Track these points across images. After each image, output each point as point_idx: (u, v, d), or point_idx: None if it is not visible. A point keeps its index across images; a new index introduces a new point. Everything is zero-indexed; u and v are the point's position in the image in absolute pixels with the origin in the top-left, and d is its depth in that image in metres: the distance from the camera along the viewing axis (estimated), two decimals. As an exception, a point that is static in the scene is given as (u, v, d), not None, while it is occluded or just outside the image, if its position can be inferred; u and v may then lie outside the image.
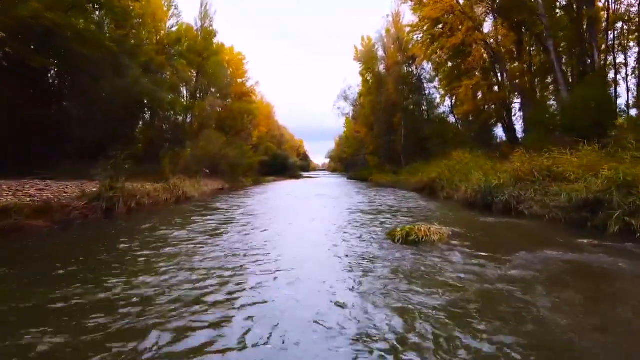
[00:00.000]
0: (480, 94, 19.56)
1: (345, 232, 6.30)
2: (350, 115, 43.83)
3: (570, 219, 6.63)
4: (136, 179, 12.19)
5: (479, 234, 5.96)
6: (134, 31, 20.84)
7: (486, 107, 20.03)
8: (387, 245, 5.27)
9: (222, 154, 19.53)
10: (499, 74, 18.71)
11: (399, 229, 5.78)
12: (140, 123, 23.59)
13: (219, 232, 6.51)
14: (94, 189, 8.70)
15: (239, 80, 39.25)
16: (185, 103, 27.94)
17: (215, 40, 31.73)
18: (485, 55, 18.21)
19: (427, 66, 30.46)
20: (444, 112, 29.06)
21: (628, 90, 17.09)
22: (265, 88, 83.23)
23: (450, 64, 21.78)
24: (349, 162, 57.84)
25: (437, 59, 19.77)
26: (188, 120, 28.01)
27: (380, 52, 34.57)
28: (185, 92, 29.03)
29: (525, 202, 8.30)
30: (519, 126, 20.06)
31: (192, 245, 5.35)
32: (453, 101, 22.23)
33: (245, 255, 4.78)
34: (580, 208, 6.46)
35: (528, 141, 14.99)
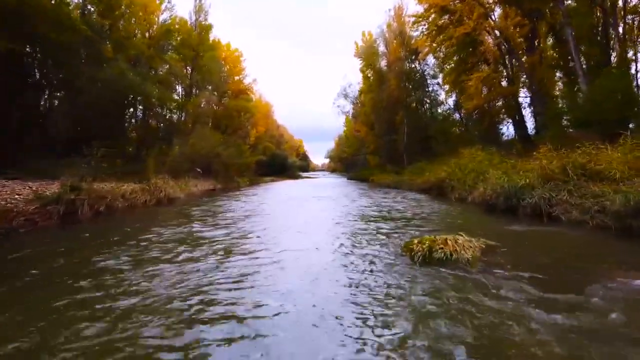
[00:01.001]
0: (486, 89, 18.31)
1: (349, 249, 4.95)
2: (351, 113, 42.60)
3: (624, 226, 5.41)
4: (121, 178, 10.98)
5: (521, 249, 4.72)
6: (122, 23, 19.65)
7: (494, 102, 18.81)
8: (403, 266, 4.02)
9: (215, 152, 18.28)
10: (509, 67, 17.49)
11: (416, 241, 4.55)
12: (134, 121, 22.45)
13: (176, 255, 4.63)
14: (57, 190, 7.46)
15: (236, 78, 38.10)
16: (180, 100, 26.81)
17: (211, 37, 30.72)
18: (494, 47, 16.99)
19: (431, 62, 29.43)
20: (448, 110, 27.90)
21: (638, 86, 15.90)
22: (265, 88, 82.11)
23: (456, 57, 20.64)
24: (349, 162, 56.66)
25: (445, 49, 18.53)
26: (183, 117, 26.85)
27: (382, 48, 33.39)
28: (180, 89, 27.94)
29: (558, 205, 7.07)
30: (529, 123, 18.93)
31: (114, 287, 3.38)
32: (459, 97, 20.94)
33: (195, 318, 2.74)
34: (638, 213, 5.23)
35: (546, 137, 13.81)
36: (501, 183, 8.41)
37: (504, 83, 18.11)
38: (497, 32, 14.33)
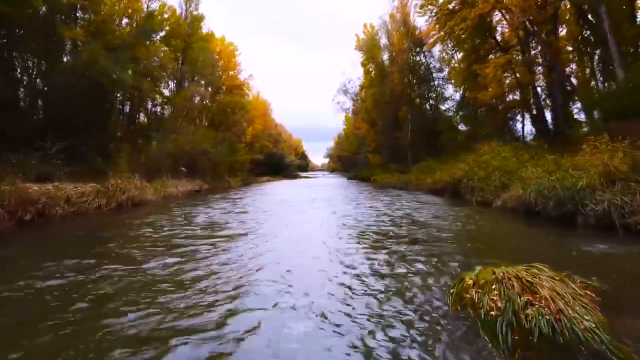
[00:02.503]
0: (503, 77, 16.45)
1: (363, 302, 2.89)
2: (351, 110, 40.65)
3: None
4: (80, 179, 9.12)
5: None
6: (103, 6, 17.76)
7: (510, 94, 17.00)
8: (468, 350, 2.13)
9: (202, 149, 16.39)
10: (527, 53, 15.62)
11: (470, 280, 2.71)
12: (123, 117, 20.56)
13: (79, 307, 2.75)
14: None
15: (231, 73, 36.28)
16: (171, 94, 24.99)
17: (205, 30, 29.06)
18: (512, 31, 15.12)
19: (437, 54, 27.61)
20: (454, 105, 26.04)
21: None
22: (264, 86, 79.94)
23: (466, 46, 18.81)
24: (349, 162, 54.89)
25: (454, 37, 16.67)
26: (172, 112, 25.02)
27: (384, 40, 31.53)
28: (172, 84, 26.12)
29: (637, 214, 5.22)
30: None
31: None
32: (470, 88, 19.04)
33: None
34: None
35: (577, 131, 11.99)
36: (548, 184, 6.55)
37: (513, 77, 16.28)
38: (516, 12, 12.50)
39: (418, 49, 27.97)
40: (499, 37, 17.49)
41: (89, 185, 7.92)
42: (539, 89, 16.69)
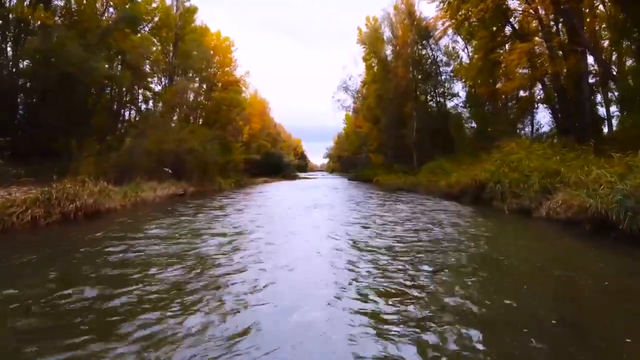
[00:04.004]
0: (524, 66, 14.71)
1: None
2: (351, 108, 38.90)
3: None
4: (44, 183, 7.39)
5: None
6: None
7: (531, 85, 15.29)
8: None
9: (187, 148, 14.64)
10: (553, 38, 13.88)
11: None
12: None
13: None
14: None
15: (227, 69, 34.64)
16: (162, 90, 23.34)
17: (199, 23, 27.61)
18: (538, 12, 13.39)
19: (444, 48, 25.90)
20: (462, 101, 24.33)
21: None
22: (263, 86, 78.02)
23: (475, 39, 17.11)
24: (349, 162, 53.32)
25: (472, 19, 14.95)
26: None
27: (387, 33, 29.82)
28: (165, 81, 24.44)
29: None
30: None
31: None
32: (487, 79, 17.30)
33: None
34: None
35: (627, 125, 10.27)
36: (631, 191, 4.82)
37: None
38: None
39: (424, 42, 26.28)
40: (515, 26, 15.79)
41: (22, 192, 6.20)
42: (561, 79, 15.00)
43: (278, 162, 44.94)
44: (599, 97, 14.83)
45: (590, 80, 13.12)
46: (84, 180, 7.44)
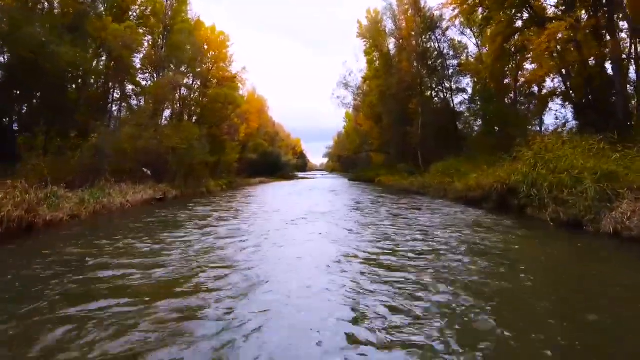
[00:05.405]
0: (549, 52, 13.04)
1: None
2: (352, 106, 37.15)
3: None
4: None
5: None
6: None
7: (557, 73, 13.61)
8: None
9: (169, 146, 12.99)
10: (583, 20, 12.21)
11: None
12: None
13: None
14: None
15: (222, 65, 33.04)
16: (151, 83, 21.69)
17: (192, 16, 26.17)
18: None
19: (450, 41, 24.28)
20: (471, 96, 22.69)
21: None
22: (262, 85, 76.47)
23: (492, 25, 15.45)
24: (349, 161, 51.74)
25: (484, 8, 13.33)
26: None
27: (390, 25, 28.15)
28: (156, 75, 22.78)
29: None
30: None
31: None
32: (510, 67, 15.63)
33: None
34: None
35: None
36: None
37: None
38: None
39: (430, 33, 24.63)
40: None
41: None
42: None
43: (276, 161, 43.39)
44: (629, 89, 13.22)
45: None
46: (15, 185, 5.80)
